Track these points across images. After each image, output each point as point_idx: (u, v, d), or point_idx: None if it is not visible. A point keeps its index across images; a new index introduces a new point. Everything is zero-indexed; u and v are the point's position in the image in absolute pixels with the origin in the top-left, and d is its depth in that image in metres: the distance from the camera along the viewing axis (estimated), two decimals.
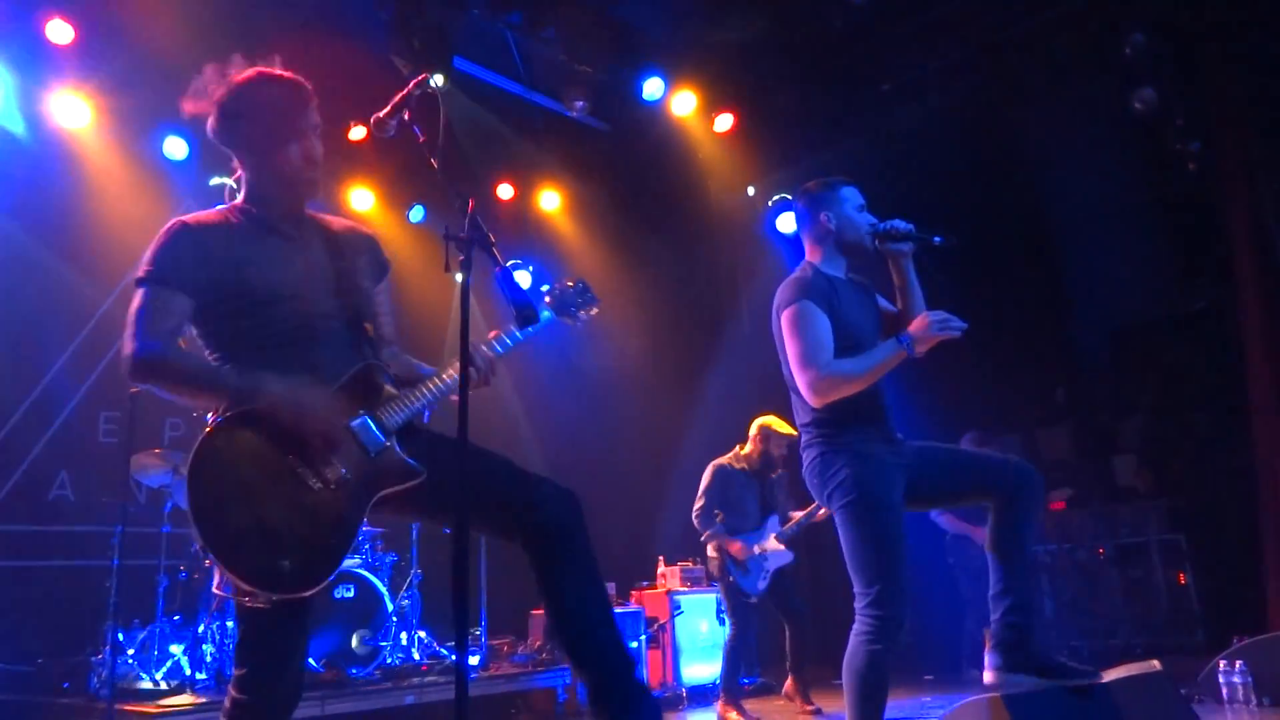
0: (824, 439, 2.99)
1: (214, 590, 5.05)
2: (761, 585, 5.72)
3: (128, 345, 2.18)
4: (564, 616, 2.24)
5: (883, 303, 3.29)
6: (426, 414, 2.46)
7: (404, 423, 2.31)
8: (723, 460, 5.95)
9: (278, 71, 2.41)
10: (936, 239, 3.05)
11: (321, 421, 2.16)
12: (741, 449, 6.02)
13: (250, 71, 2.39)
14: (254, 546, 2.07)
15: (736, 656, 5.68)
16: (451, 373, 2.38)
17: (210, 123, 2.40)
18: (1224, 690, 4.82)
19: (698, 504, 5.80)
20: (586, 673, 2.20)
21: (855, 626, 2.85)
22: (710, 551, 5.84)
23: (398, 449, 2.28)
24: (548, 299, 2.72)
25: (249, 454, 2.14)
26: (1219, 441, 7.21)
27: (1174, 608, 6.96)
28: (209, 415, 2.23)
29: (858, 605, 2.86)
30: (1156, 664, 3.25)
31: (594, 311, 2.77)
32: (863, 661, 2.79)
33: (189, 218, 2.35)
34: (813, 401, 2.94)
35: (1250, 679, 4.76)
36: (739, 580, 5.70)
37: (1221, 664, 4.88)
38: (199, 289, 2.25)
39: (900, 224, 3.10)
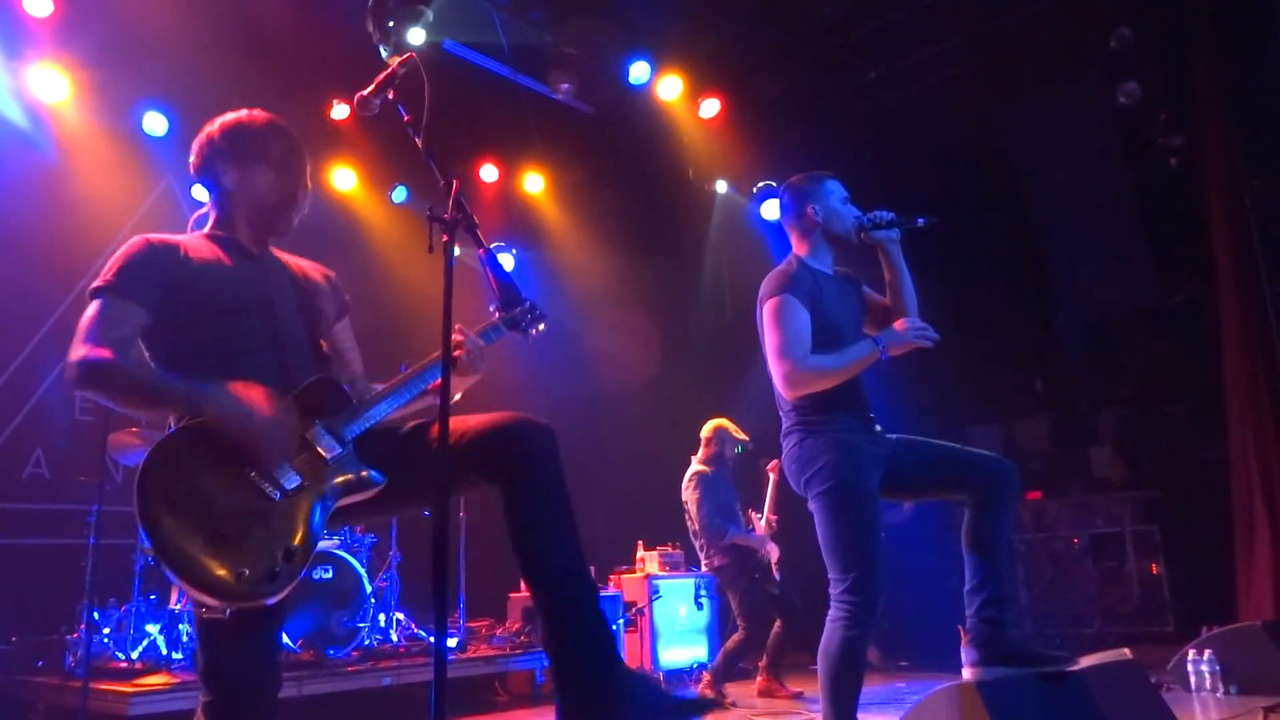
0: (804, 426, 3.01)
1: (171, 607, 5.06)
2: (778, 577, 5.77)
3: (76, 351, 2.12)
4: (521, 540, 2.08)
5: (870, 293, 3.32)
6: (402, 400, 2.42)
7: (363, 432, 2.27)
8: (700, 468, 6.01)
9: (256, 116, 2.44)
10: (920, 220, 3.08)
11: (268, 430, 2.07)
12: (698, 454, 6.08)
13: (229, 117, 2.43)
14: (208, 556, 1.99)
15: (738, 656, 5.68)
16: (427, 363, 2.36)
17: (193, 160, 2.44)
18: (1193, 678, 4.91)
19: (702, 513, 5.78)
20: (536, 597, 2.05)
21: (831, 612, 2.87)
22: (716, 559, 5.79)
23: (356, 458, 2.23)
24: (498, 315, 2.61)
25: (204, 461, 2.08)
26: (1194, 435, 7.29)
27: (1146, 597, 7.05)
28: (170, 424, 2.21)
29: (833, 591, 2.88)
30: (1127, 652, 3.30)
31: (542, 328, 2.70)
32: (838, 647, 2.82)
33: (154, 236, 2.33)
34: (786, 394, 2.99)
35: (1218, 667, 4.85)
36: (765, 578, 5.73)
37: (1191, 653, 4.96)
38: (157, 301, 2.22)
39: (884, 213, 3.13)
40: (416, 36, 5.99)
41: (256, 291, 2.33)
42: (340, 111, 6.90)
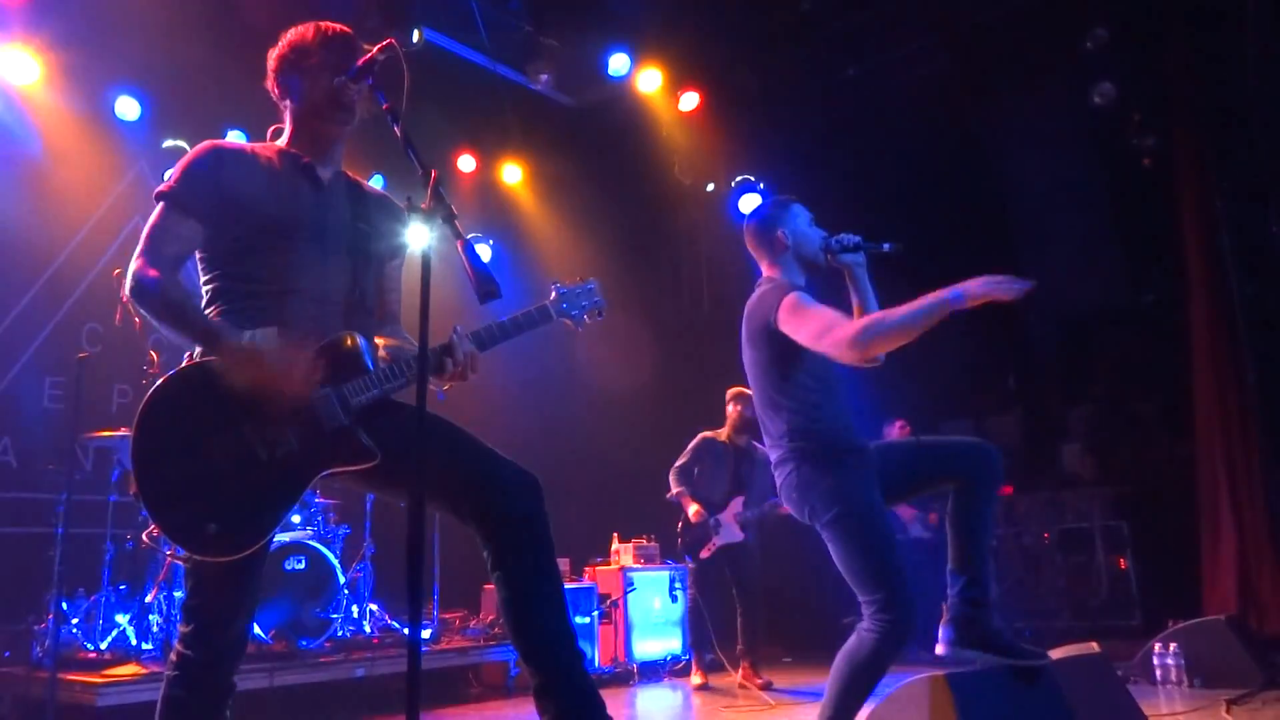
0: (796, 454, 2.96)
1: (144, 537, 5.02)
2: (704, 555, 5.94)
3: (133, 264, 2.20)
4: (515, 607, 2.19)
5: None
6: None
7: (370, 403, 2.23)
8: (709, 432, 6.22)
9: (308, 27, 2.45)
10: (885, 246, 3.08)
11: (283, 379, 2.11)
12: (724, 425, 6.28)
13: (302, 28, 2.45)
14: (185, 504, 2.06)
15: (695, 626, 5.95)
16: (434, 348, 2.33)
17: (269, 82, 2.46)
18: (1158, 671, 4.99)
19: (678, 461, 6.11)
20: (533, 667, 2.16)
21: (864, 624, 2.84)
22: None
23: (355, 429, 2.20)
24: (553, 295, 2.51)
25: (200, 409, 2.12)
26: (1163, 432, 7.39)
27: (1114, 591, 7.14)
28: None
29: (866, 610, 2.85)
30: (1095, 645, 3.35)
31: (599, 316, 2.56)
32: (866, 657, 2.80)
33: (223, 142, 2.37)
34: (852, 358, 2.73)
35: (1183, 661, 4.93)
36: (687, 542, 6.00)
37: (1156, 646, 5.04)
38: (212, 212, 2.25)
39: (850, 237, 3.14)
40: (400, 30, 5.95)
41: (303, 216, 2.33)
42: None
